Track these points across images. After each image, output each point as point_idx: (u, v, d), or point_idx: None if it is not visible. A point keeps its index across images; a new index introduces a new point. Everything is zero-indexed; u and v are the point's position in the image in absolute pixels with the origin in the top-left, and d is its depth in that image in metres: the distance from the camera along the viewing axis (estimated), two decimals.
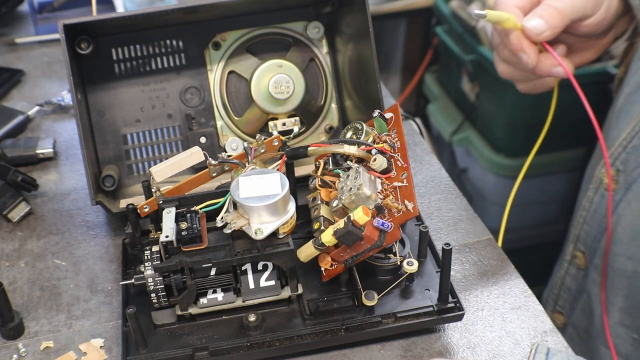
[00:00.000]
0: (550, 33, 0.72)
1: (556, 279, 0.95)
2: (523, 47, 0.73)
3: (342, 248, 0.59)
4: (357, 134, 0.65)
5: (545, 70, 0.74)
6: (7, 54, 1.10)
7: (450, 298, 0.62)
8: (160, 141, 0.79)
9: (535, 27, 0.71)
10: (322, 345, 0.61)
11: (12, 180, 0.78)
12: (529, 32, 0.72)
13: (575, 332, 0.92)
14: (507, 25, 0.72)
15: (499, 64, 0.80)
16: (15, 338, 0.65)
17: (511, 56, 0.76)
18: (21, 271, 0.72)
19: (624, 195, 0.78)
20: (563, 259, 0.93)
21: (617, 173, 0.79)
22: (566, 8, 0.72)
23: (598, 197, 0.84)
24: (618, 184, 0.79)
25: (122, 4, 1.12)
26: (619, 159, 0.79)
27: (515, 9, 0.73)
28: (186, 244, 0.59)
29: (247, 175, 0.60)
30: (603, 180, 0.82)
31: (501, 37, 0.75)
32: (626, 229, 0.77)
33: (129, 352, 0.60)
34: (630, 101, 0.80)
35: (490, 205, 1.58)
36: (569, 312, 0.93)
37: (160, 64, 0.78)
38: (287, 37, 0.79)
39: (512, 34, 0.73)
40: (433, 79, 1.81)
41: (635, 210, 0.76)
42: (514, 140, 1.50)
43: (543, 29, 0.71)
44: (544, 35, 0.72)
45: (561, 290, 0.94)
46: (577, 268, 0.90)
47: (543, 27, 0.71)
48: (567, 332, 0.93)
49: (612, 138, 0.82)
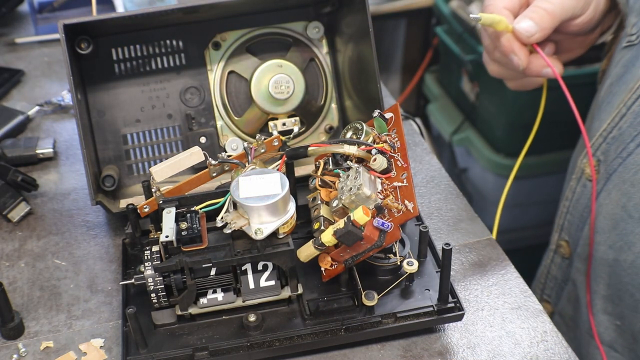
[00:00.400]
0: (541, 35, 0.73)
1: (542, 268, 0.97)
2: (514, 49, 0.74)
3: (342, 248, 0.59)
4: (357, 134, 0.65)
5: (535, 70, 0.76)
6: (7, 54, 1.10)
7: (450, 298, 0.62)
8: (160, 141, 0.79)
9: (526, 30, 0.73)
10: (322, 345, 0.61)
11: (12, 180, 0.78)
12: (520, 35, 0.73)
13: (562, 321, 0.93)
14: (499, 27, 0.73)
15: (489, 63, 0.82)
16: (15, 338, 0.65)
17: (502, 57, 0.77)
18: (21, 271, 0.72)
19: (605, 185, 0.79)
20: (549, 249, 0.95)
21: (598, 163, 0.80)
22: (556, 10, 0.73)
23: (580, 187, 0.85)
24: (599, 174, 0.80)
25: (122, 4, 1.12)
26: (600, 149, 0.80)
27: (504, 10, 0.74)
28: (186, 244, 0.59)
29: (247, 175, 0.60)
30: (585, 171, 0.83)
31: (492, 39, 0.77)
32: (607, 218, 0.78)
33: (129, 352, 0.60)
34: (612, 92, 0.81)
35: (490, 205, 1.58)
36: (555, 301, 0.95)
37: (160, 64, 0.78)
38: (287, 37, 0.79)
39: (503, 36, 0.74)
40: (433, 79, 1.81)
41: (615, 199, 0.77)
42: (514, 140, 1.49)
43: (533, 31, 0.73)
44: (534, 38, 0.73)
45: (547, 279, 0.95)
46: (562, 257, 0.91)
47: (533, 29, 0.73)
48: (554, 320, 0.94)
49: (594, 129, 0.83)
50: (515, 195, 1.55)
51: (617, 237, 0.77)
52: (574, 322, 0.90)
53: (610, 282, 0.80)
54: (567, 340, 0.64)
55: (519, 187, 1.54)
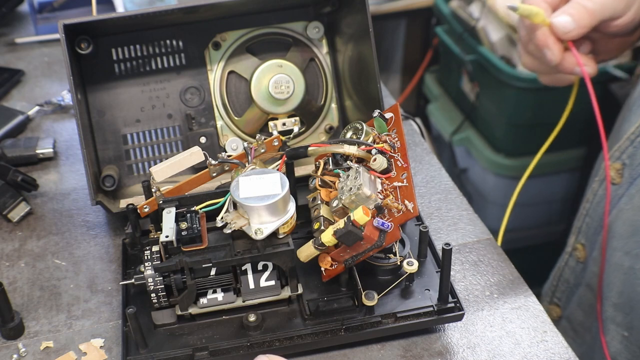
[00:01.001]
0: (578, 32, 0.71)
1: (556, 270, 0.95)
2: (548, 44, 0.72)
3: (342, 248, 0.59)
4: (357, 134, 0.65)
5: (568, 68, 0.74)
6: (7, 54, 1.10)
7: (450, 298, 0.62)
8: (160, 141, 0.79)
9: (563, 26, 0.71)
10: (322, 345, 0.61)
11: (12, 180, 0.78)
12: (556, 30, 0.71)
13: (570, 326, 0.92)
14: (536, 20, 0.71)
15: (524, 55, 0.80)
16: (15, 338, 0.65)
17: (536, 50, 0.75)
18: (21, 271, 0.72)
19: (627, 189, 0.77)
20: (564, 251, 0.93)
21: (623, 167, 0.78)
22: (596, 8, 0.71)
23: (602, 190, 0.83)
24: (622, 178, 0.78)
25: (122, 4, 1.12)
26: (626, 152, 0.78)
27: (543, 2, 0.72)
28: (186, 244, 0.59)
29: (247, 175, 0.60)
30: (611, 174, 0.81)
31: (528, 31, 0.75)
32: (626, 223, 0.77)
33: (129, 352, 0.60)
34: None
35: (490, 205, 1.58)
36: (564, 305, 0.93)
37: (160, 64, 0.78)
38: (287, 37, 0.79)
39: (539, 29, 0.72)
40: (433, 79, 1.81)
41: (637, 205, 0.76)
42: (514, 140, 1.50)
43: (570, 27, 0.71)
44: (571, 35, 0.71)
45: (559, 282, 0.94)
46: (576, 260, 0.90)
47: (571, 25, 0.70)
48: (561, 324, 0.93)
49: (622, 131, 0.81)
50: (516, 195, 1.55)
51: (636, 244, 0.76)
52: (583, 328, 0.89)
53: (624, 290, 0.78)
54: (574, 347, 0.64)
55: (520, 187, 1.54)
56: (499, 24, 1.46)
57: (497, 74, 1.43)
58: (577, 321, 0.90)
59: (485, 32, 1.48)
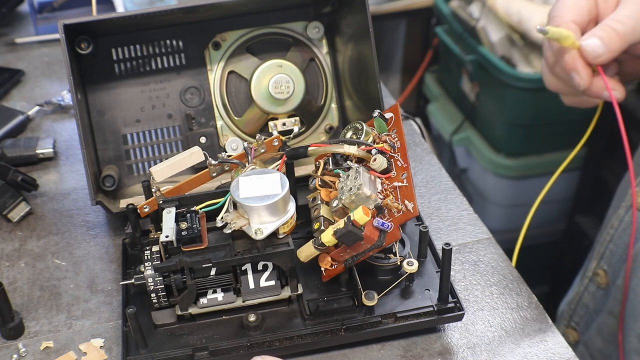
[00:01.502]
0: (608, 57, 0.68)
1: (574, 294, 0.93)
2: (577, 68, 0.69)
3: (342, 248, 0.59)
4: (357, 134, 0.65)
5: (596, 92, 0.71)
6: (7, 54, 1.10)
7: (450, 298, 0.62)
8: (160, 141, 0.79)
9: (593, 49, 0.68)
10: (322, 345, 0.61)
11: (12, 180, 0.78)
12: (586, 54, 0.69)
13: (587, 351, 0.89)
14: (566, 43, 0.69)
15: (548, 76, 0.77)
16: (15, 338, 0.65)
17: (563, 73, 0.72)
18: (21, 271, 0.72)
19: None
20: (584, 275, 0.91)
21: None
22: (627, 32, 0.68)
23: (629, 217, 0.82)
24: None
25: (122, 4, 1.12)
26: None
27: (571, 23, 0.69)
28: (186, 244, 0.59)
29: (247, 175, 0.60)
30: (638, 200, 0.79)
31: (555, 54, 0.72)
32: None
33: (129, 352, 0.60)
34: None
35: (490, 205, 1.58)
36: (583, 330, 0.91)
37: (160, 64, 0.78)
38: (287, 37, 0.79)
39: (567, 52, 0.70)
40: (433, 79, 1.81)
41: None
42: (514, 140, 1.50)
43: (601, 52, 0.68)
44: (601, 59, 0.68)
45: (578, 307, 0.92)
46: (597, 286, 0.88)
47: (601, 49, 0.68)
48: (578, 349, 0.91)
49: None
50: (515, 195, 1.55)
51: None
52: (602, 355, 0.87)
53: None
54: None
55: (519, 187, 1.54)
56: (499, 24, 1.46)
57: (497, 74, 1.43)
58: (595, 347, 0.89)
59: (485, 32, 1.48)
